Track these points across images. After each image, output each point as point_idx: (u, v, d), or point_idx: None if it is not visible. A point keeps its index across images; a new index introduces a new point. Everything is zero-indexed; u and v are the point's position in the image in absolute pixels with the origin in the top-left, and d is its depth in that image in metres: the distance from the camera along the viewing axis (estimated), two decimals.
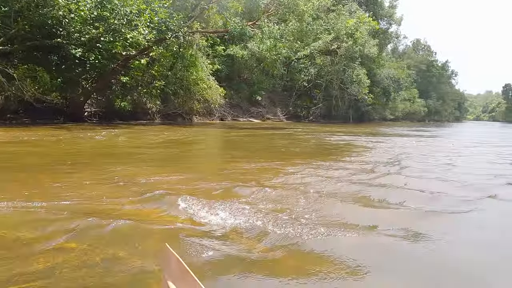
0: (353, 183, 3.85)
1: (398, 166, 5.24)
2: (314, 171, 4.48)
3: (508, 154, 7.91)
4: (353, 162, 5.45)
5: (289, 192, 3.28)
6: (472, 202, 3.26)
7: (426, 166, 5.43)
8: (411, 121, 61.03)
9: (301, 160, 5.62)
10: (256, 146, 8.18)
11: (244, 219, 2.41)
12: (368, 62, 31.65)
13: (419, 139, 12.10)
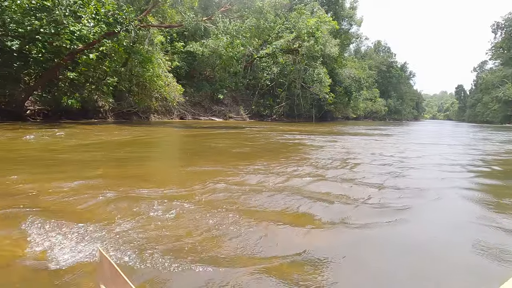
0: (267, 191, 3.36)
1: (334, 169, 4.89)
2: (230, 177, 3.96)
3: (448, 153, 8.08)
4: (288, 165, 5.03)
5: (180, 209, 2.62)
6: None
7: (364, 168, 5.29)
8: (372, 120, 63.12)
9: (231, 162, 5.23)
10: (195, 147, 7.70)
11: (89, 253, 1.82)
12: (329, 61, 32.15)
13: (370, 139, 12.23)
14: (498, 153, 8.40)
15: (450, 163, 6.00)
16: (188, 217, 2.47)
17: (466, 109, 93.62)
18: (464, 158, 7.02)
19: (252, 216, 2.54)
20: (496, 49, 75.76)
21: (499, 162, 6.68)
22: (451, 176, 4.76)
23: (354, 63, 57.99)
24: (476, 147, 10.00)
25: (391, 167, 5.24)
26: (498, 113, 60.93)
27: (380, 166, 5.31)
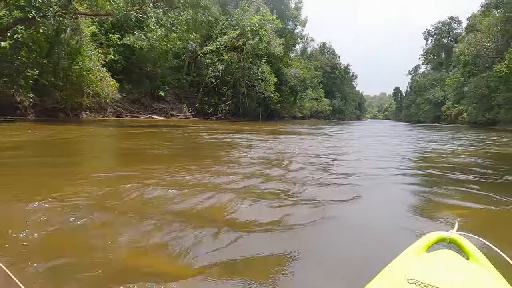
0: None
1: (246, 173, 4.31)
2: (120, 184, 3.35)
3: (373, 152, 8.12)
4: (199, 168, 4.48)
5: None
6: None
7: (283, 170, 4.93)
8: (318, 119, 65.04)
9: (134, 166, 4.56)
10: (105, 148, 6.89)
11: None
12: (275, 60, 32.24)
13: (308, 137, 12.18)
14: (424, 151, 8.68)
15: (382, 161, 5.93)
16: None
17: (402, 110, 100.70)
18: (395, 155, 7.08)
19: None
20: (427, 54, 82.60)
21: (422, 159, 6.81)
22: (380, 173, 4.60)
23: (300, 63, 59.32)
24: (408, 146, 10.32)
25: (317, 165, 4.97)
26: (429, 113, 66.27)
27: (304, 164, 5.01)
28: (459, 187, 3.89)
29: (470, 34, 36.46)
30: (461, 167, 5.77)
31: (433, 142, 12.38)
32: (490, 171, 5.33)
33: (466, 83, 37.20)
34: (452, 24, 75.00)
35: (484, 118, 33.52)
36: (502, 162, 6.99)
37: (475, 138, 15.08)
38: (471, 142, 12.43)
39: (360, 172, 4.81)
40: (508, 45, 27.01)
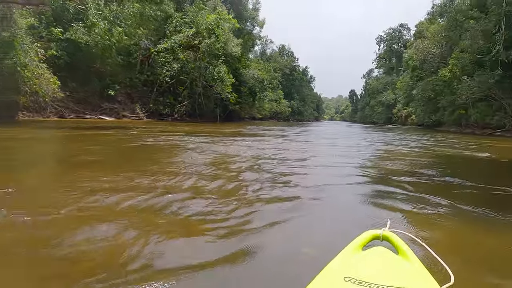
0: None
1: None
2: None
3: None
4: (127, 174, 3.98)
5: None
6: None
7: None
8: (277, 120, 65.62)
9: (54, 174, 3.98)
10: (27, 152, 6.07)
11: None
12: (233, 61, 31.78)
13: (260, 140, 11.88)
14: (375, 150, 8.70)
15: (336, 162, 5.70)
16: None
17: (357, 111, 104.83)
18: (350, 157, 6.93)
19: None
20: (380, 59, 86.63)
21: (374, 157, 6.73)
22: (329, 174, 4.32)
23: (260, 64, 59.49)
24: (359, 148, 10.35)
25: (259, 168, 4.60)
26: (382, 115, 69.43)
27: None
28: (400, 189, 3.87)
29: (418, 40, 38.54)
30: (404, 168, 5.80)
31: (383, 143, 12.63)
32: (431, 172, 5.38)
33: (414, 87, 39.26)
34: (402, 31, 79.30)
35: (431, 119, 35.50)
36: (443, 163, 7.13)
37: (421, 139, 15.70)
38: (417, 143, 12.85)
39: (306, 174, 4.54)
40: (451, 51, 28.78)
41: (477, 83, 23.05)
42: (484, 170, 6.58)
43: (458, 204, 3.22)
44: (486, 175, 5.82)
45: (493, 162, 7.63)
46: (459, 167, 6.86)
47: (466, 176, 5.18)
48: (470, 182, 4.57)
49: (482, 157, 8.36)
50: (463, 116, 27.21)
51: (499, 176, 5.83)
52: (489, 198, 3.67)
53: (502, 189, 4.06)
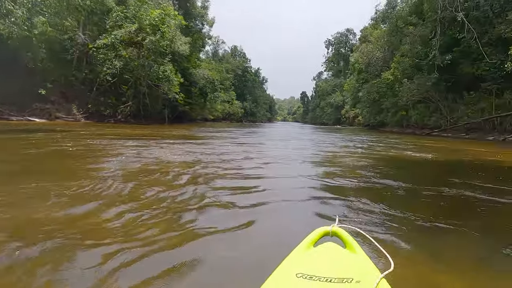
0: None
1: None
2: None
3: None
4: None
5: None
6: None
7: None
8: (230, 122, 65.01)
9: None
10: None
11: None
12: (181, 60, 30.57)
13: (203, 142, 11.17)
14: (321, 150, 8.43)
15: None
16: None
17: (309, 112, 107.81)
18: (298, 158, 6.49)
19: None
20: (328, 62, 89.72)
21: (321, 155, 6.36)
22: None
23: (211, 64, 58.44)
24: (306, 150, 10.06)
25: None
26: (331, 116, 71.86)
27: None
28: (340, 194, 3.72)
29: (363, 45, 40.22)
30: (348, 170, 5.64)
31: (331, 144, 12.54)
32: (371, 173, 5.27)
33: (360, 89, 40.87)
34: (348, 36, 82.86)
35: (376, 120, 37.15)
36: (384, 164, 7.02)
37: (367, 140, 16.00)
38: (362, 144, 12.96)
39: (247, 177, 3.95)
40: (393, 55, 30.25)
41: (416, 85, 24.33)
42: (421, 171, 6.50)
43: (397, 202, 3.51)
44: (423, 175, 5.76)
45: (431, 163, 7.67)
46: (399, 167, 6.76)
47: (403, 176, 5.37)
48: (405, 182, 4.61)
49: (419, 157, 8.46)
50: (405, 117, 28.68)
51: (435, 176, 5.75)
52: (427, 199, 3.72)
53: (440, 190, 4.06)
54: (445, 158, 8.64)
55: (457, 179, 4.91)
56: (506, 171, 6.53)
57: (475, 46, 19.69)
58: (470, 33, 19.82)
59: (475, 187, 4.23)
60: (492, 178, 5.37)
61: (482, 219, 3.01)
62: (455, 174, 5.73)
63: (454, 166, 7.48)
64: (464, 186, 4.33)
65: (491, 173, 6.12)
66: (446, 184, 4.41)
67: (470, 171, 6.33)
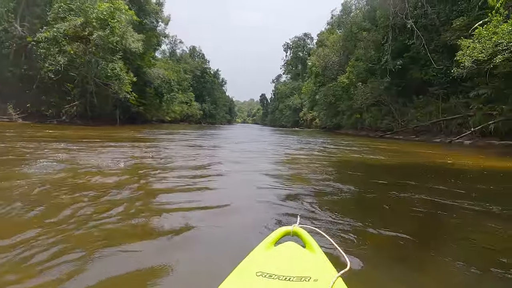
0: None
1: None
2: None
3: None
4: None
5: None
6: None
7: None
8: (189, 123, 63.34)
9: None
10: None
11: None
12: (133, 58, 28.99)
13: (150, 145, 10.36)
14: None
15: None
16: None
17: (268, 115, 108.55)
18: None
19: None
20: (287, 65, 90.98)
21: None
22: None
23: (169, 64, 56.60)
24: (261, 154, 9.63)
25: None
26: (290, 118, 72.74)
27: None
28: (300, 197, 3.67)
29: (320, 49, 41.01)
30: (306, 173, 5.59)
31: (287, 147, 12.25)
32: (329, 176, 5.17)
33: (317, 92, 41.60)
34: (306, 40, 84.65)
35: (332, 123, 37.98)
36: (340, 167, 6.85)
37: (323, 141, 15.99)
38: (318, 145, 12.84)
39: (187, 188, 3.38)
40: (348, 60, 31.05)
41: (370, 89, 25.07)
42: (376, 173, 6.33)
43: (354, 203, 3.62)
44: (377, 177, 5.53)
45: (385, 166, 7.58)
46: (355, 169, 6.55)
47: (358, 179, 5.44)
48: (361, 185, 4.64)
49: (373, 159, 8.39)
50: (359, 119, 29.49)
51: (389, 178, 5.58)
52: (382, 201, 3.72)
53: (393, 194, 4.00)
54: (399, 161, 8.63)
55: (413, 182, 4.92)
56: (456, 173, 6.53)
57: (423, 53, 20.63)
58: (419, 40, 20.74)
59: (428, 190, 4.25)
60: (443, 180, 5.27)
61: (431, 219, 3.10)
62: (410, 177, 5.64)
63: (409, 168, 7.41)
64: (417, 189, 4.34)
65: (442, 176, 6.07)
66: (400, 186, 4.45)
67: (422, 174, 6.25)
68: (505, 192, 4.59)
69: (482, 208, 3.35)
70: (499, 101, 15.42)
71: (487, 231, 2.71)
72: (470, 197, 3.89)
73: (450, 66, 19.13)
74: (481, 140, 16.41)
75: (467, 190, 4.24)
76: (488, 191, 4.56)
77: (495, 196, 4.15)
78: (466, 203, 3.51)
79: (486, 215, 3.16)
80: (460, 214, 3.17)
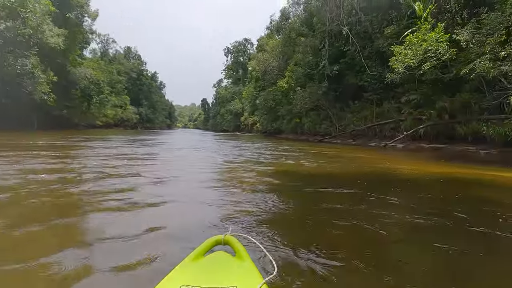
0: None
1: None
2: None
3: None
4: None
5: None
6: None
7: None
8: (124, 128, 59.11)
9: None
10: None
11: None
12: (54, 55, 25.79)
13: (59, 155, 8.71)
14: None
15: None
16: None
17: (210, 119, 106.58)
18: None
19: None
20: (228, 70, 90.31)
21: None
22: None
23: (99, 64, 52.36)
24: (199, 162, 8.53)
25: None
26: (231, 123, 71.94)
27: None
28: (233, 205, 3.54)
29: (260, 53, 40.94)
30: (242, 181, 5.14)
31: (225, 156, 11.28)
32: (261, 188, 4.39)
33: (258, 96, 41.36)
34: (246, 45, 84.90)
35: (273, 127, 37.95)
36: (280, 175, 6.15)
37: (263, 146, 15.33)
38: (257, 151, 12.10)
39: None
40: (287, 65, 31.20)
41: (308, 94, 25.24)
42: (317, 181, 5.70)
43: (290, 211, 3.46)
44: (317, 185, 5.01)
45: (327, 174, 7.01)
46: (295, 177, 5.84)
47: (298, 187, 5.05)
48: (298, 194, 4.42)
49: (314, 167, 7.82)
50: (299, 124, 29.65)
51: (329, 186, 5.01)
52: (318, 208, 3.63)
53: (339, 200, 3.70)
54: (341, 169, 8.14)
55: (354, 190, 4.64)
56: (397, 179, 6.14)
57: (358, 59, 21.21)
58: (354, 46, 21.29)
59: (368, 200, 3.98)
60: (386, 187, 4.78)
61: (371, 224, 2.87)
62: (353, 184, 5.05)
63: (352, 176, 6.89)
64: (358, 199, 4.07)
65: (384, 181, 5.63)
66: (339, 195, 4.31)
67: (365, 182, 5.72)
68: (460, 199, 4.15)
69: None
70: (427, 106, 16.19)
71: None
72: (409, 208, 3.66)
73: (382, 72, 19.90)
74: (412, 143, 17.11)
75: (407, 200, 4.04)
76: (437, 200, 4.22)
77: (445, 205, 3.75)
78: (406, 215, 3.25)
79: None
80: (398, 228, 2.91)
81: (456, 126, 15.08)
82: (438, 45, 12.72)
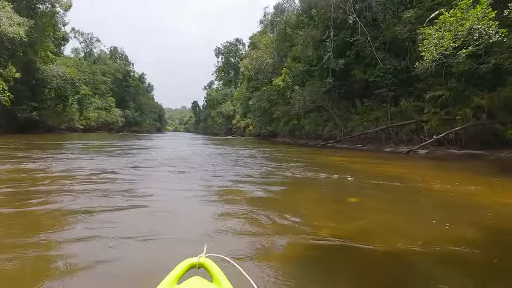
0: None
1: None
2: None
3: None
4: None
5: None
6: None
7: None
8: (108, 132, 55.37)
9: None
10: None
11: None
12: (17, 48, 22.37)
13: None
14: None
15: None
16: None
17: (200, 122, 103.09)
18: None
19: None
20: (219, 71, 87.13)
21: None
22: None
23: (75, 62, 48.89)
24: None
25: None
26: (223, 126, 68.69)
27: None
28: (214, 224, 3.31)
29: (252, 51, 37.98)
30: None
31: (214, 165, 8.22)
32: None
33: (251, 97, 38.23)
34: (238, 45, 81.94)
35: (267, 130, 34.99)
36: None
37: (257, 153, 12.31)
38: (252, 161, 9.06)
39: None
40: (283, 61, 28.27)
41: (308, 92, 22.26)
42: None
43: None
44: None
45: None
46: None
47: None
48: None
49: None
50: (297, 126, 26.64)
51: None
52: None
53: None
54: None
55: None
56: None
57: (368, 50, 18.27)
58: (363, 36, 18.36)
59: None
60: None
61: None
62: None
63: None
64: None
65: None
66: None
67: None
68: None
69: None
70: (459, 104, 13.34)
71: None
72: None
73: (398, 65, 17.07)
74: (439, 149, 14.23)
75: None
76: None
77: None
78: None
79: None
80: None
81: (497, 128, 12.27)
82: (487, 23, 9.87)
